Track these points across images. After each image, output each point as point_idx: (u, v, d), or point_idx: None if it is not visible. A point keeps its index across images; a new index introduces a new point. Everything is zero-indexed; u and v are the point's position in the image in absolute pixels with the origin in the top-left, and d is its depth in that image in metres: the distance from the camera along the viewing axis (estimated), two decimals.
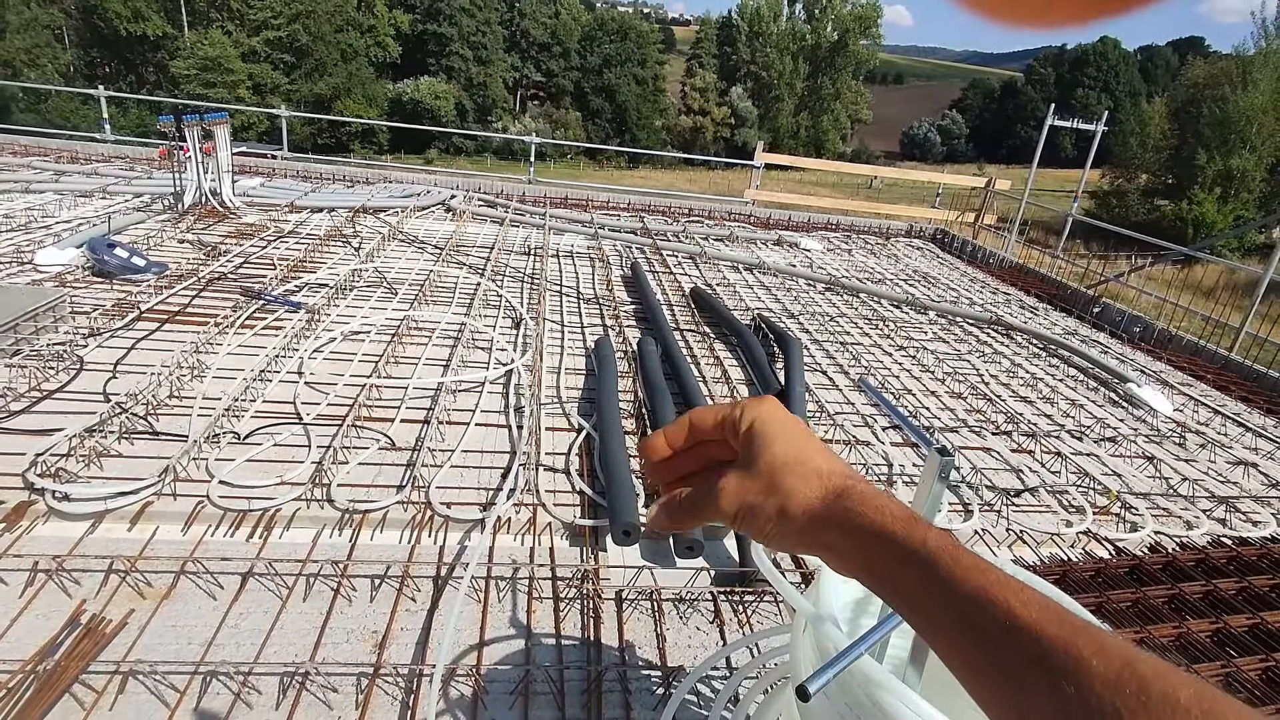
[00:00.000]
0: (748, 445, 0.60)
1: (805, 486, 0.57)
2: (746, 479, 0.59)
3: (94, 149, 6.14)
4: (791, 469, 0.58)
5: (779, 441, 0.59)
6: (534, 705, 1.33)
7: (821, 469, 0.58)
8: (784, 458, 0.58)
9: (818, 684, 0.54)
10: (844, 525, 0.54)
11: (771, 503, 0.57)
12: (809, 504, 0.56)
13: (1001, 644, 0.44)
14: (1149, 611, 1.69)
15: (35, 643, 1.33)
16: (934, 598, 0.48)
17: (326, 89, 31.05)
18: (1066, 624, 0.43)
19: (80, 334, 2.58)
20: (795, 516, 0.56)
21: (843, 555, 0.55)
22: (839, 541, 0.54)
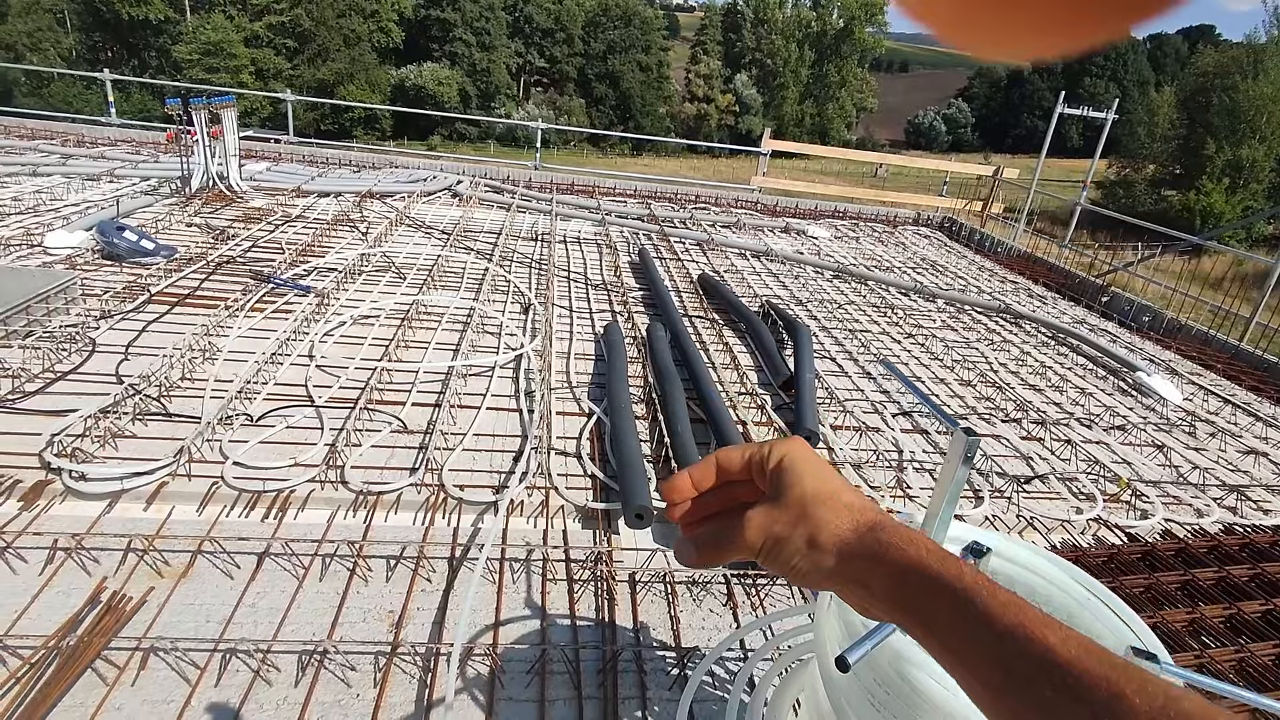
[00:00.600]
0: (776, 480, 0.60)
1: (836, 518, 0.56)
2: (774, 511, 0.58)
3: (100, 132, 6.13)
4: (822, 501, 0.57)
5: (809, 477, 0.59)
6: (551, 684, 1.34)
7: (853, 503, 0.58)
8: (814, 492, 0.58)
9: (857, 655, 0.54)
10: (876, 557, 0.53)
11: (800, 533, 0.56)
12: (840, 535, 0.55)
13: (1038, 680, 0.44)
14: (1162, 597, 1.70)
15: (57, 619, 1.34)
16: (969, 633, 0.48)
17: (329, 74, 30.89)
18: (1105, 661, 0.43)
19: (92, 316, 2.59)
20: (826, 547, 0.55)
21: (872, 589, 0.54)
22: (869, 574, 0.54)
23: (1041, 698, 0.43)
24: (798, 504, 0.57)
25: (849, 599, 0.58)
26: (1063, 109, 7.72)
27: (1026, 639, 0.45)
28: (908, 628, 0.53)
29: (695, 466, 0.65)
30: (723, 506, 0.65)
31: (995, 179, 7.34)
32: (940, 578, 0.50)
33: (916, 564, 0.52)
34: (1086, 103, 9.26)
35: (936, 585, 0.50)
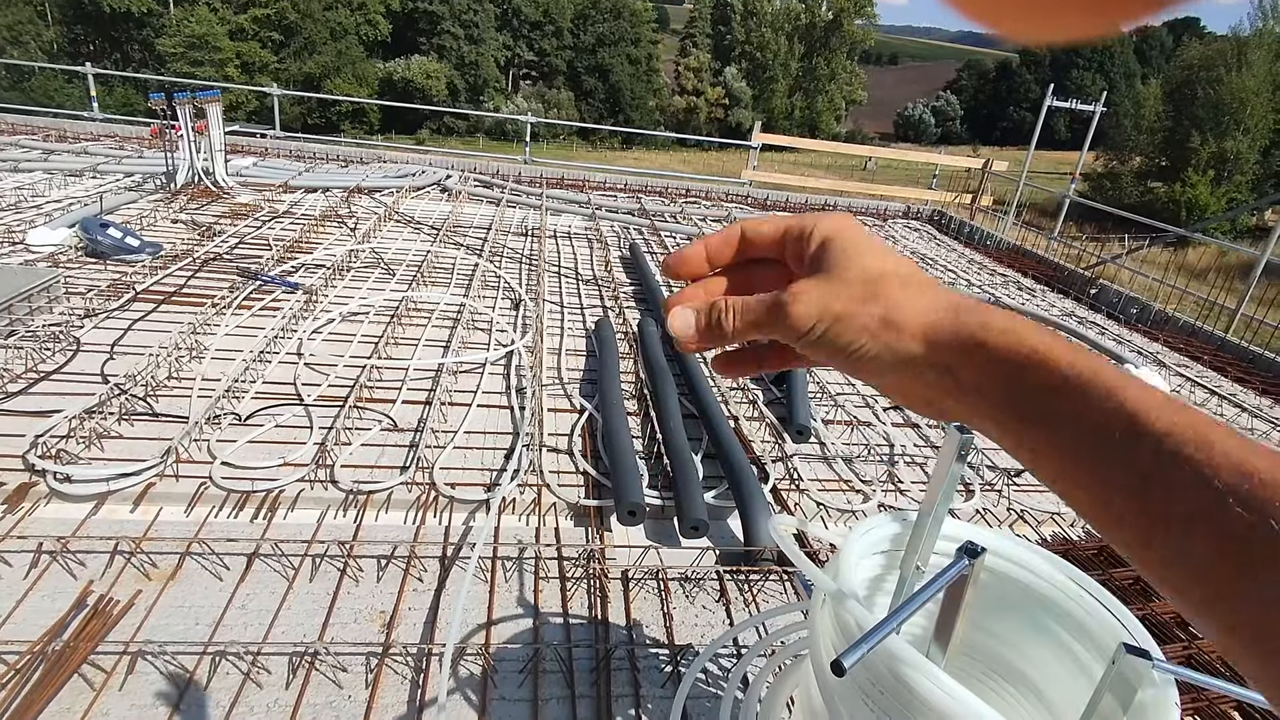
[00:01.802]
0: (823, 259, 0.47)
1: (919, 295, 0.45)
2: (832, 284, 0.45)
3: (82, 127, 6.05)
4: (897, 276, 0.45)
5: (871, 254, 0.46)
6: (544, 683, 1.33)
7: (934, 283, 0.46)
8: (883, 267, 0.46)
9: (853, 658, 0.54)
10: (979, 341, 0.42)
11: (872, 310, 0.44)
12: (927, 314, 0.44)
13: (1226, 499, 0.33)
14: (1151, 589, 1.71)
15: (42, 624, 1.32)
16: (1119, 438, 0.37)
17: (316, 68, 30.61)
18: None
19: (76, 315, 2.55)
20: (907, 326, 0.44)
21: (962, 381, 0.43)
22: (964, 363, 0.42)
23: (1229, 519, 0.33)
24: (862, 280, 0.45)
25: (918, 396, 0.47)
26: (1051, 101, 7.75)
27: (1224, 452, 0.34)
28: (1009, 430, 0.42)
29: (713, 236, 0.52)
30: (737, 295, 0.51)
31: (984, 172, 7.37)
32: (1072, 368, 0.39)
33: (1039, 351, 0.40)
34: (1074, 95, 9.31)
35: (1067, 378, 0.39)
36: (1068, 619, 0.84)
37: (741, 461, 1.95)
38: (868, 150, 13.26)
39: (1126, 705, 0.73)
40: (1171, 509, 0.35)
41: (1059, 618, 0.85)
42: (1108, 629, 0.80)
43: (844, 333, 0.45)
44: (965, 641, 0.92)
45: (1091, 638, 0.81)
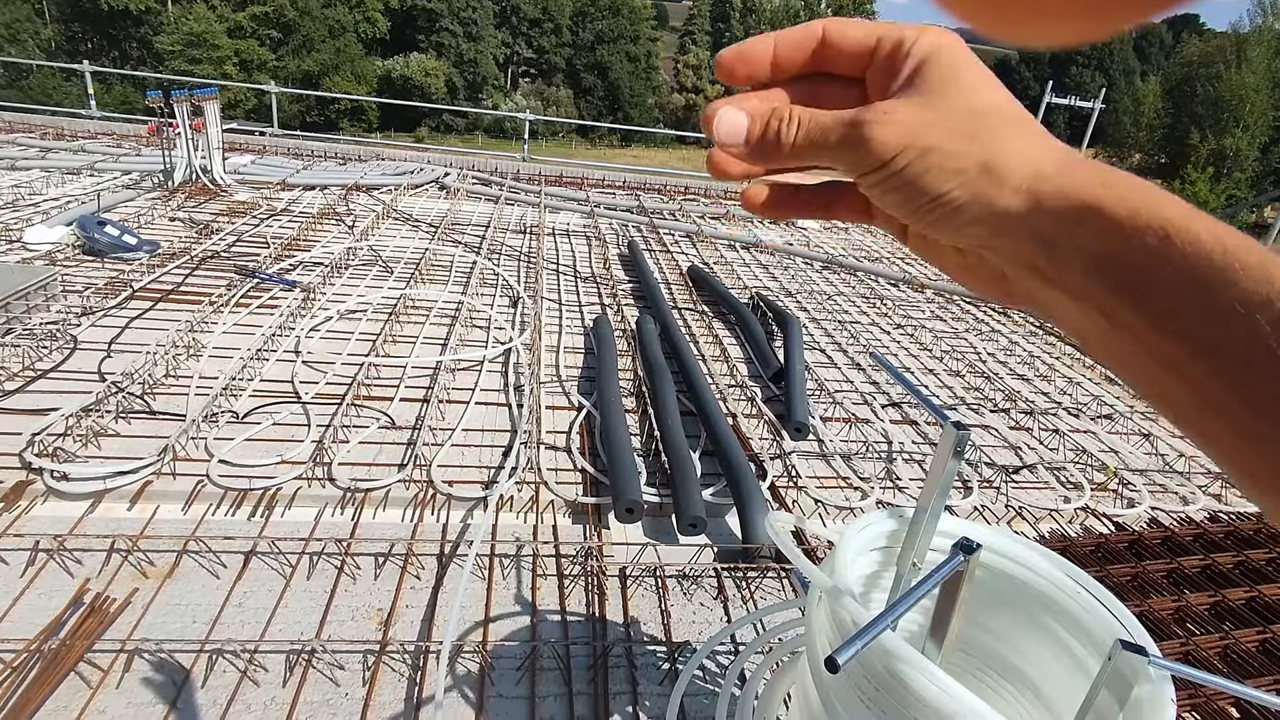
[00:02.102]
0: (920, 79, 0.38)
1: (1030, 142, 0.37)
2: (927, 110, 0.37)
3: (80, 125, 6.04)
4: (1007, 115, 0.37)
5: (980, 84, 0.38)
6: (541, 681, 1.33)
7: (1044, 130, 0.38)
8: (991, 102, 0.37)
9: (846, 655, 0.54)
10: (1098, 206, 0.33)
11: (971, 151, 0.36)
12: (1039, 166, 0.36)
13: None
14: (1148, 585, 1.71)
15: (39, 622, 1.32)
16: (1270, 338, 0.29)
17: (314, 66, 30.55)
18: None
19: (73, 313, 2.55)
20: (1012, 175, 0.35)
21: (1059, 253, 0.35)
22: (1072, 231, 0.34)
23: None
24: (965, 111, 0.37)
25: (995, 265, 0.39)
26: (1050, 98, 7.74)
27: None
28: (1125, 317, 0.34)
29: (788, 31, 0.41)
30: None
31: None
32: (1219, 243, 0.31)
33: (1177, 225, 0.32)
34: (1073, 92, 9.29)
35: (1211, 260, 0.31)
36: (1064, 615, 0.84)
37: (740, 459, 1.94)
38: None
39: (1123, 701, 0.73)
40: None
41: (1056, 614, 0.85)
42: (1104, 625, 0.80)
43: (931, 170, 0.36)
44: (962, 638, 0.92)
45: (1088, 634, 0.81)
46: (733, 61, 0.41)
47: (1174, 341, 0.32)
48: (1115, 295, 0.33)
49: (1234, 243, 0.31)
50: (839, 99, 0.41)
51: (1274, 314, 0.29)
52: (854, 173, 0.39)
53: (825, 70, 0.42)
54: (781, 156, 0.40)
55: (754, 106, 0.40)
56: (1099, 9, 0.25)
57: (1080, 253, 0.34)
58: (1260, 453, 0.31)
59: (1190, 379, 0.32)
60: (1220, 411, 0.32)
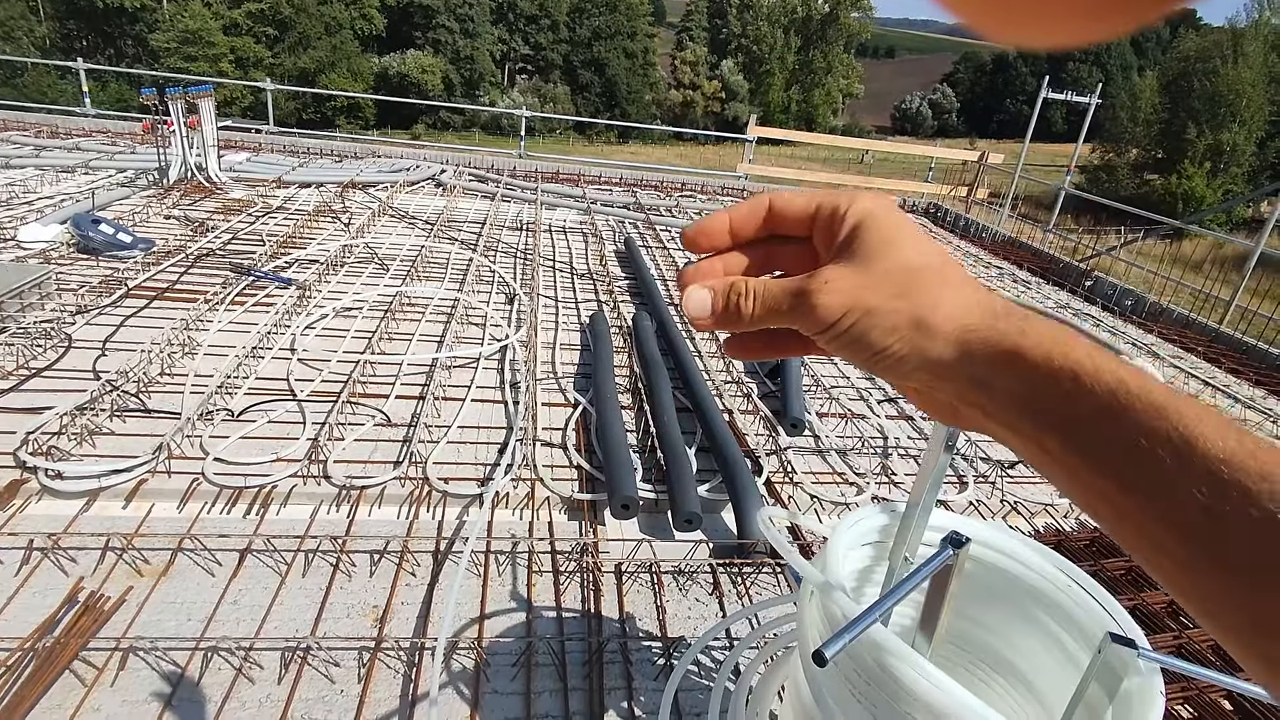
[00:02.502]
0: (855, 243, 0.43)
1: (957, 295, 0.41)
2: (865, 274, 0.42)
3: (74, 123, 6.02)
4: (935, 272, 0.41)
5: (910, 243, 0.42)
6: (536, 677, 1.33)
7: (971, 280, 0.42)
8: (921, 260, 0.42)
9: (834, 649, 0.54)
10: (1018, 352, 0.38)
11: (904, 307, 0.41)
12: (962, 318, 0.40)
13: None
14: (1142, 579, 1.72)
15: (33, 620, 1.32)
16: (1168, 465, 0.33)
17: (311, 63, 30.47)
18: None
19: (67, 311, 2.54)
20: (940, 329, 0.40)
21: (995, 393, 0.39)
22: (998, 375, 0.39)
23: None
24: (898, 272, 0.41)
25: (942, 405, 0.44)
26: (1047, 93, 7.73)
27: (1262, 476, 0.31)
28: (1045, 449, 0.38)
29: (739, 205, 0.48)
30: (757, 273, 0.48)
31: (980, 164, 7.36)
32: (1122, 386, 0.35)
33: (1084, 367, 0.36)
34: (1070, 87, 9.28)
35: (1115, 398, 0.35)
36: (1056, 609, 0.84)
37: (735, 455, 1.95)
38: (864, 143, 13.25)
39: (1112, 694, 0.73)
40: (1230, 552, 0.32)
41: (1047, 608, 0.85)
42: (1095, 619, 0.80)
43: (872, 330, 0.41)
44: (954, 632, 0.92)
45: (1079, 627, 0.82)
46: (695, 237, 0.48)
47: (1099, 475, 0.36)
48: (1044, 431, 0.38)
49: (1136, 383, 0.35)
50: (791, 257, 0.47)
51: (1175, 449, 0.33)
52: (807, 332, 0.44)
53: (777, 234, 0.47)
54: (743, 325, 0.45)
55: (718, 280, 0.46)
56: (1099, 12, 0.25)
57: (1010, 393, 0.39)
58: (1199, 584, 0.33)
59: (1123, 512, 0.36)
60: (1157, 545, 0.35)
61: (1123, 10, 0.25)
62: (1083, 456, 0.36)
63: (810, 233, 0.46)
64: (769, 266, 0.48)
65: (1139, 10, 0.25)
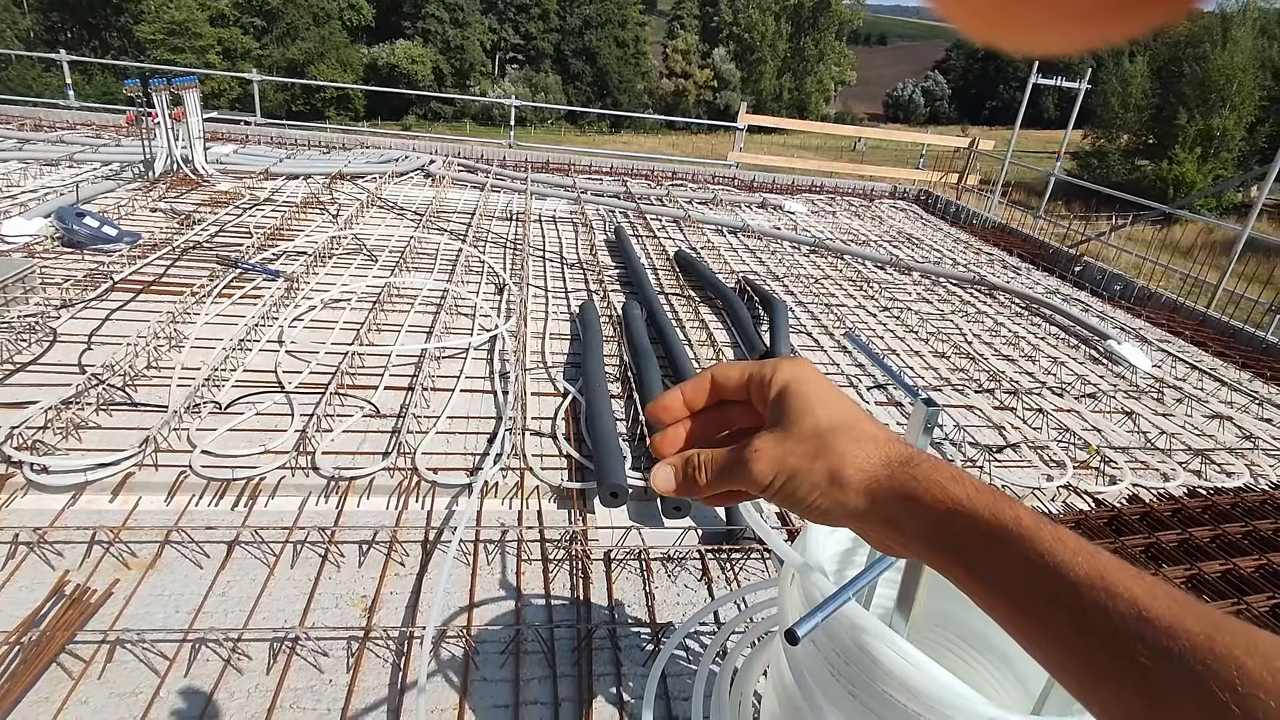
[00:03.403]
0: (781, 407, 0.52)
1: (862, 451, 0.48)
2: (786, 440, 0.50)
3: (58, 116, 5.95)
4: (842, 431, 0.49)
5: (821, 404, 0.51)
6: (525, 664, 1.34)
7: (877, 435, 0.50)
8: (830, 419, 0.50)
9: (806, 627, 0.54)
10: (913, 496, 0.46)
11: (820, 467, 0.48)
12: (869, 470, 0.48)
13: (1132, 643, 0.36)
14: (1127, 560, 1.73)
15: (19, 614, 1.32)
16: (1036, 584, 0.40)
17: (299, 54, 30.16)
18: (1203, 617, 0.36)
19: (52, 305, 2.53)
20: (852, 483, 0.48)
21: (905, 531, 0.47)
22: (904, 515, 0.46)
23: (1137, 665, 0.36)
24: (812, 435, 0.49)
25: (875, 540, 0.51)
26: (1037, 79, 7.73)
27: (1108, 591, 0.38)
28: (951, 573, 0.46)
29: (688, 383, 0.57)
30: (713, 433, 0.57)
31: (971, 151, 7.36)
32: (994, 520, 0.43)
33: (963, 505, 0.44)
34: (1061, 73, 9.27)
35: (989, 529, 0.43)
36: None
37: None
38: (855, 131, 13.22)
39: None
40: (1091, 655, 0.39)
41: None
42: None
43: (798, 488, 0.49)
44: (935, 612, 0.93)
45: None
46: (658, 414, 0.57)
47: (982, 592, 0.44)
48: (950, 565, 0.45)
49: (1006, 512, 0.43)
50: (738, 415, 0.57)
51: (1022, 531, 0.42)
52: (750, 491, 0.52)
53: (724, 400, 0.57)
54: (702, 491, 0.54)
55: (676, 458, 0.55)
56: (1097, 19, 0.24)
57: (917, 533, 0.46)
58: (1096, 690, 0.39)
59: (1024, 633, 0.42)
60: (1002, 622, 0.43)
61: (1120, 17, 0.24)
62: (982, 584, 0.44)
63: (748, 397, 0.56)
64: (723, 425, 0.58)
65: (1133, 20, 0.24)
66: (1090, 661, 0.38)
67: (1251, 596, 1.63)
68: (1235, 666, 0.34)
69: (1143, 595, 0.37)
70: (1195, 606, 0.37)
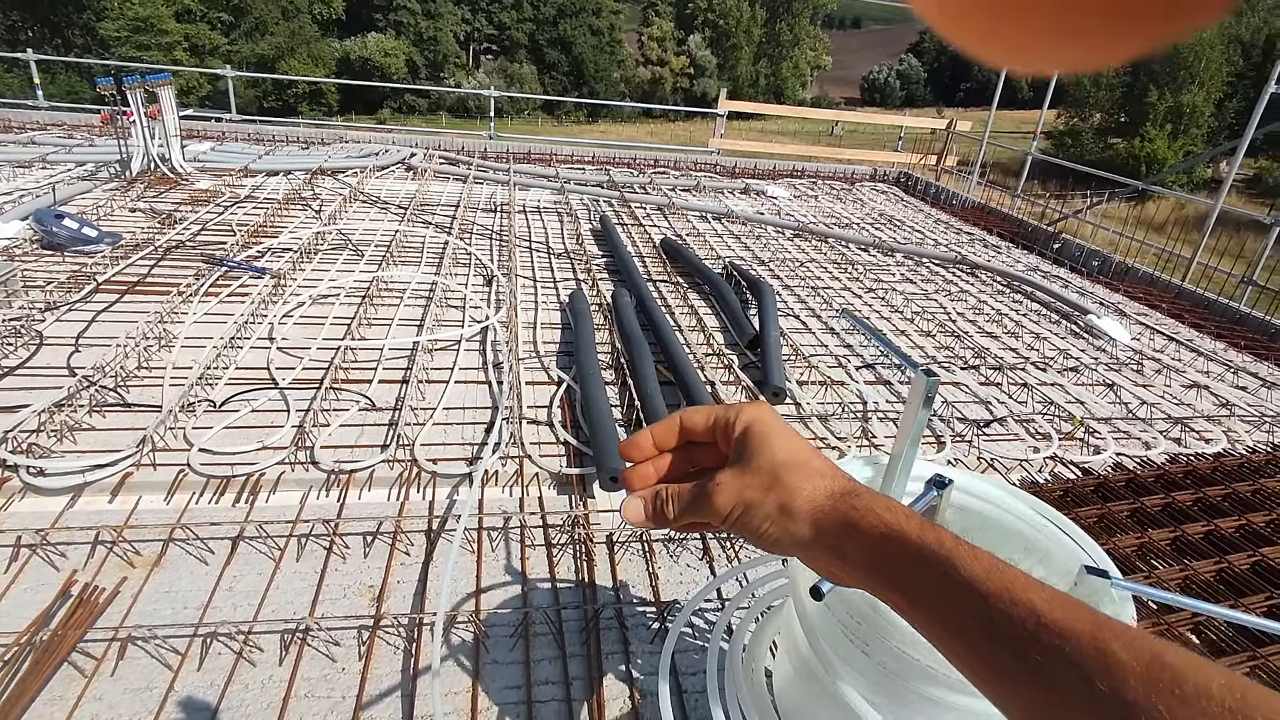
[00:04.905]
0: (742, 445, 0.58)
1: (809, 484, 0.55)
2: (744, 475, 0.56)
3: (27, 116, 5.83)
4: (793, 467, 0.55)
5: (777, 442, 0.57)
6: (535, 645, 1.36)
7: (824, 470, 0.56)
8: (784, 456, 0.56)
9: (830, 584, 0.57)
10: (852, 523, 0.52)
11: (772, 499, 0.54)
12: (814, 501, 0.54)
13: (1030, 644, 0.42)
14: (1114, 525, 1.78)
15: (27, 616, 1.32)
16: (953, 598, 0.46)
17: (269, 49, 29.63)
18: (1091, 620, 0.42)
19: (36, 308, 2.50)
20: (799, 513, 0.54)
21: (847, 557, 0.52)
22: (845, 541, 0.52)
23: (1032, 662, 0.42)
24: (768, 470, 0.56)
25: (820, 567, 0.56)
26: None
27: (1012, 601, 0.44)
28: (885, 596, 0.52)
29: (657, 425, 0.64)
30: (680, 472, 0.63)
31: (949, 133, 7.42)
32: (921, 543, 0.49)
33: (895, 530, 0.50)
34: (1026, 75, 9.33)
35: (917, 551, 0.49)
36: (1033, 548, 0.88)
37: None
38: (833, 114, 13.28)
39: None
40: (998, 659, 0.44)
41: (1025, 548, 0.89)
42: (1071, 555, 0.84)
43: (753, 518, 0.55)
44: None
45: (1056, 564, 0.86)
46: (629, 451, 0.63)
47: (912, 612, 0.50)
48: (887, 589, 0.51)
49: (930, 537, 0.49)
50: (704, 455, 0.63)
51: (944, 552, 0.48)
52: (714, 523, 0.58)
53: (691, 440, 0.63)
54: (670, 522, 0.60)
55: (646, 492, 0.61)
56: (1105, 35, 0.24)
57: (857, 559, 0.52)
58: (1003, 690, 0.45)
59: (945, 644, 0.48)
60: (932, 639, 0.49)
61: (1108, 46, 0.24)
62: (900, 597, 0.50)
63: (714, 438, 0.61)
64: (690, 463, 0.64)
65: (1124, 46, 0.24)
66: (998, 665, 0.44)
67: (1233, 555, 1.69)
68: (1112, 659, 0.39)
69: (1041, 603, 0.44)
70: (1085, 611, 0.43)
